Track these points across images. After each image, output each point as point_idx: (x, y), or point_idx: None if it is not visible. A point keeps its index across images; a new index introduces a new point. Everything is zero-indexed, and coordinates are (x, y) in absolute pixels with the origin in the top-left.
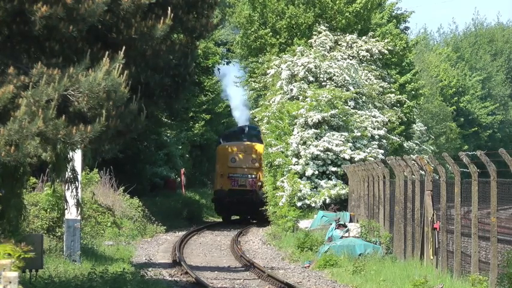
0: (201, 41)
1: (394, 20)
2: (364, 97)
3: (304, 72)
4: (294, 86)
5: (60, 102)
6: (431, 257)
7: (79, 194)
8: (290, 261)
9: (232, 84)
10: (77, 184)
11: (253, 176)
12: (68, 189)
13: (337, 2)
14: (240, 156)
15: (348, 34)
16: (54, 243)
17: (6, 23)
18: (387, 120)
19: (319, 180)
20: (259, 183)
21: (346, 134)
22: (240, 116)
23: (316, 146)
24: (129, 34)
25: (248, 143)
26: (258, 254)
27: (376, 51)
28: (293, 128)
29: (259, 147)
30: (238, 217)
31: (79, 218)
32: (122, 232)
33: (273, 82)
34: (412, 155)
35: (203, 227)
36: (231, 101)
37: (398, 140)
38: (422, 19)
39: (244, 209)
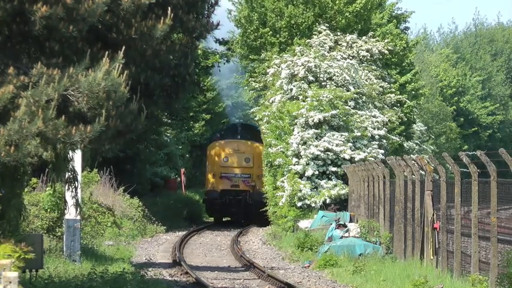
0: (201, 41)
1: (394, 20)
2: (364, 97)
3: (305, 72)
4: (293, 85)
5: (60, 102)
6: (432, 257)
7: (79, 194)
8: (290, 261)
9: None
10: (77, 184)
11: (247, 175)
12: (68, 189)
13: (337, 2)
14: (233, 155)
15: (348, 34)
16: (54, 243)
17: (6, 23)
18: (387, 120)
19: (319, 180)
20: (253, 184)
21: (346, 134)
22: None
23: (316, 146)
24: (129, 34)
25: (241, 141)
26: (258, 254)
27: (376, 51)
28: (293, 128)
29: (253, 145)
30: (229, 219)
31: (79, 218)
32: (122, 232)
33: (273, 82)
34: (412, 155)
35: (203, 227)
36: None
37: (398, 140)
38: (422, 19)
39: (237, 210)
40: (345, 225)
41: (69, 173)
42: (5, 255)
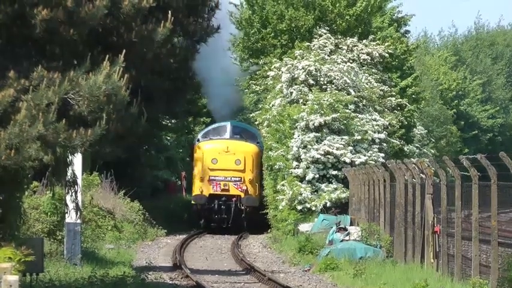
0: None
1: (395, 24)
2: (364, 100)
3: (305, 76)
4: (293, 89)
5: (61, 106)
6: (432, 261)
7: (79, 198)
8: (290, 264)
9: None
10: (76, 188)
11: (238, 179)
12: (68, 193)
13: (337, 5)
14: (222, 156)
15: (348, 37)
16: (55, 246)
17: (7, 26)
18: (388, 123)
19: (320, 184)
20: (245, 188)
21: (346, 137)
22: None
23: (316, 150)
24: (130, 38)
25: (232, 141)
26: (259, 258)
27: (377, 55)
28: (294, 132)
29: (244, 146)
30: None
31: (79, 221)
32: (122, 235)
33: (273, 85)
34: (412, 159)
35: (203, 231)
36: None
37: (398, 143)
38: (423, 22)
39: (227, 216)
40: (345, 229)
41: (69, 177)
42: (6, 258)
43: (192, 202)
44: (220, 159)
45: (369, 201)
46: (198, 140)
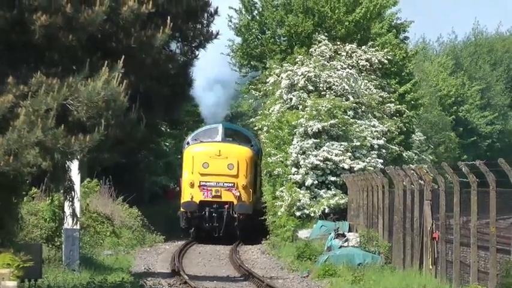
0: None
1: (394, 30)
2: (363, 107)
3: (304, 82)
4: (293, 95)
5: (59, 112)
6: (431, 267)
7: (75, 204)
8: (289, 270)
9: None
10: (73, 194)
11: (230, 184)
12: (66, 199)
13: (337, 11)
14: (214, 160)
15: (347, 43)
16: (53, 252)
17: (6, 32)
18: (386, 129)
19: (319, 190)
20: (238, 194)
21: (345, 143)
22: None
23: (315, 156)
24: (129, 43)
25: (224, 144)
26: (257, 264)
27: (376, 61)
28: (292, 138)
29: (237, 149)
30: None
31: (76, 227)
32: (121, 241)
33: (273, 91)
34: (411, 165)
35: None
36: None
37: (397, 149)
38: (422, 29)
39: (218, 224)
40: (344, 235)
41: (67, 183)
42: (4, 264)
43: (182, 209)
44: (211, 164)
45: (368, 208)
46: (188, 143)
